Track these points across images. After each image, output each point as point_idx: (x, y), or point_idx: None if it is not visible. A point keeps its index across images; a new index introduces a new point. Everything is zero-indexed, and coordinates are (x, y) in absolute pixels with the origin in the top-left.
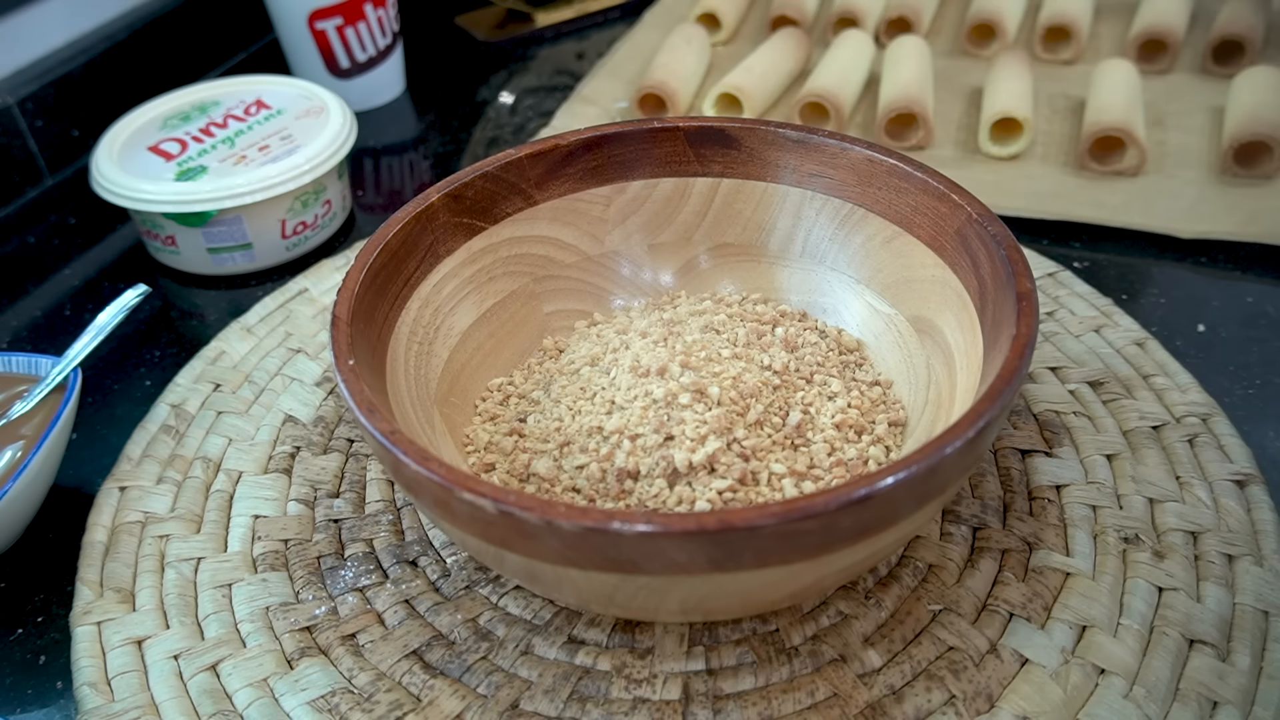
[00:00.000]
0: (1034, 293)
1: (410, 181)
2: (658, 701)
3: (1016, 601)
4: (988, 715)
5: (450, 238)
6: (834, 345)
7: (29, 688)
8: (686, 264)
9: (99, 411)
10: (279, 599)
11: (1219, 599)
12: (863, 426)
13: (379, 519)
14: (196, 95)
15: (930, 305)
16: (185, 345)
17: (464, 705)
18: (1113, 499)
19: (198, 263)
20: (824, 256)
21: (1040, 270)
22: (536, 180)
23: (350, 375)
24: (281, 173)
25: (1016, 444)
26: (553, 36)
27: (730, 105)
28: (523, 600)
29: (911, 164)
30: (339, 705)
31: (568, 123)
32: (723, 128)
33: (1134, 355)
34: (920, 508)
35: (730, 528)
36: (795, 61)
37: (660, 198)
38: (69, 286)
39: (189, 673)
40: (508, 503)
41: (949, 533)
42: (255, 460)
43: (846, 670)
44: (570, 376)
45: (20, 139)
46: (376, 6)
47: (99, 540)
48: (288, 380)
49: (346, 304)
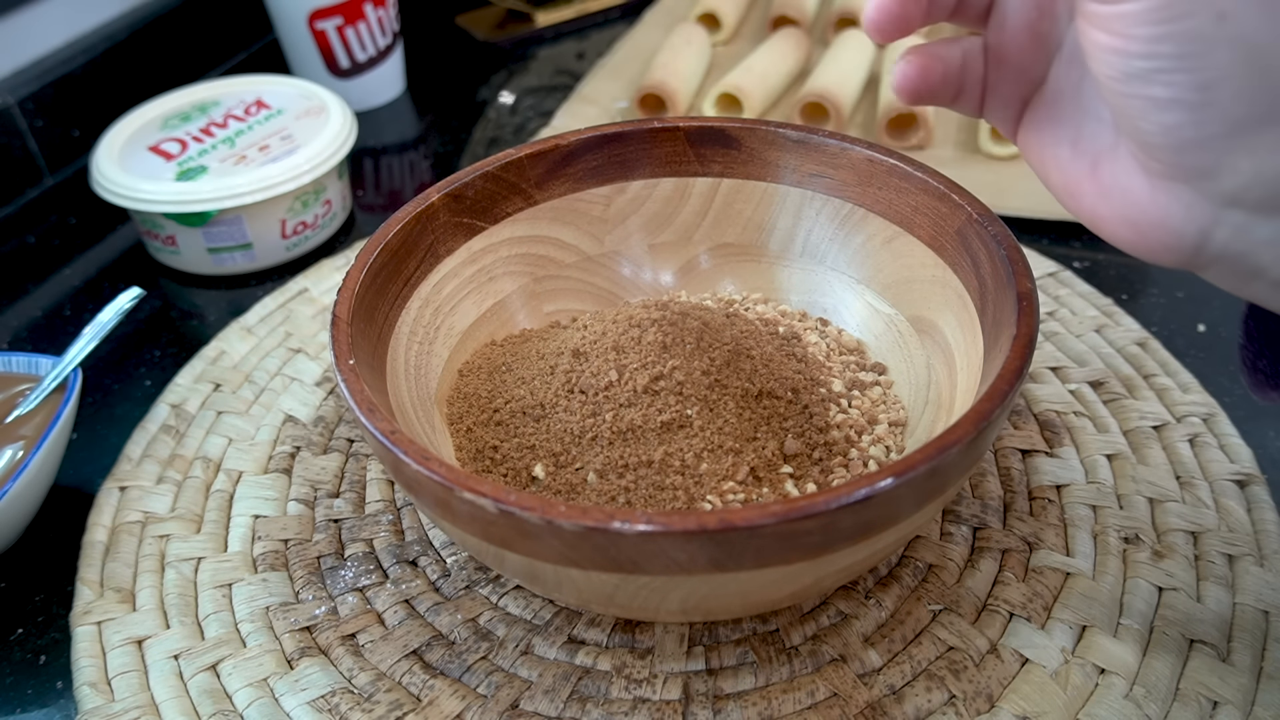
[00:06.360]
0: (1034, 293)
1: (410, 181)
2: (658, 701)
3: (1017, 601)
4: (988, 715)
5: (450, 237)
6: (834, 345)
7: (29, 688)
8: (687, 264)
9: (99, 411)
10: (279, 599)
11: (1219, 599)
12: (863, 426)
13: (379, 519)
14: (196, 95)
15: (930, 305)
16: (185, 345)
17: (464, 705)
18: (1113, 499)
19: (198, 263)
20: (824, 256)
21: (1041, 270)
22: (537, 180)
23: (350, 375)
24: (281, 173)
25: (1017, 444)
26: (553, 36)
27: (730, 105)
28: (523, 600)
29: (911, 164)
30: (339, 705)
31: (568, 123)
32: (723, 128)
33: (1135, 355)
34: (921, 508)
35: (731, 527)
36: (795, 61)
37: (660, 198)
38: (69, 286)
39: (189, 673)
40: (508, 502)
41: (949, 533)
42: (255, 460)
43: (846, 670)
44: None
45: (20, 139)
46: (376, 6)
47: (99, 540)
48: (288, 380)
49: (347, 304)
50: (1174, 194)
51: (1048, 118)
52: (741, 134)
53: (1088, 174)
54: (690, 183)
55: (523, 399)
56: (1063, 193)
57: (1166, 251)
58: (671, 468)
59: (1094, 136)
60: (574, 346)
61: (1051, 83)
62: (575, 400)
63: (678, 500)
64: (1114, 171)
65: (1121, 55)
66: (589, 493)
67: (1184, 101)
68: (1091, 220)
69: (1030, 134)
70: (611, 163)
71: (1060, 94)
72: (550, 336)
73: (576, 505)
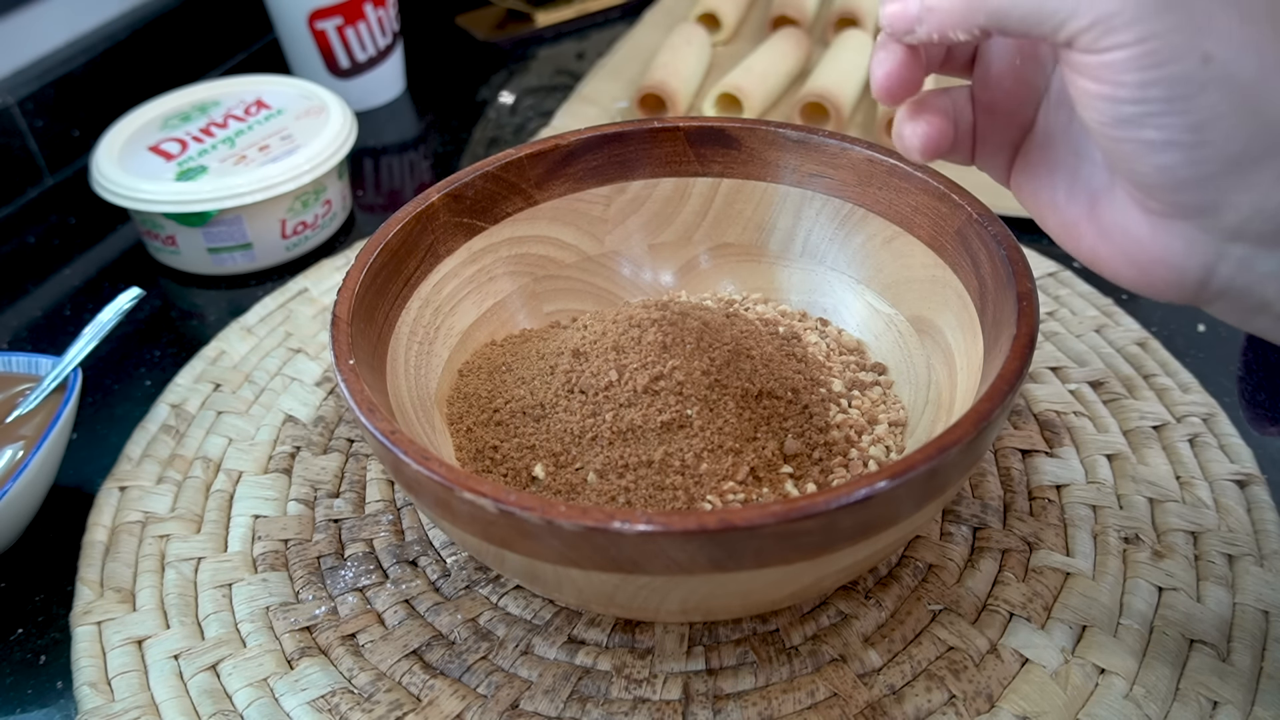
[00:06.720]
0: (1034, 292)
1: (410, 181)
2: (658, 701)
3: (1017, 601)
4: (988, 715)
5: (450, 237)
6: (834, 345)
7: (29, 688)
8: (687, 264)
9: (99, 411)
10: (279, 599)
11: (1219, 599)
12: (863, 426)
13: (379, 519)
14: (196, 95)
15: (930, 305)
16: (185, 345)
17: (464, 705)
18: (1113, 499)
19: (198, 263)
20: (824, 256)
21: (1041, 270)
22: (537, 180)
23: (350, 375)
24: (281, 173)
25: (1017, 444)
26: (553, 36)
27: (730, 105)
28: (523, 600)
29: (911, 164)
30: (339, 705)
31: (568, 123)
32: (723, 128)
33: (1135, 355)
34: (921, 508)
35: (731, 527)
36: (795, 61)
37: (660, 198)
38: (69, 286)
39: (189, 673)
40: (508, 502)
41: (949, 533)
42: (255, 460)
43: (846, 670)
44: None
45: (20, 139)
46: (376, 6)
47: (99, 540)
48: (288, 380)
49: (347, 304)
50: (1175, 231)
51: (1040, 161)
52: (741, 134)
53: (1085, 215)
54: (690, 183)
55: (523, 399)
56: (1061, 234)
57: (1170, 288)
58: (671, 468)
59: (1089, 177)
60: (574, 346)
61: (1040, 126)
62: (575, 400)
63: (678, 500)
64: (1112, 211)
65: (1111, 101)
66: (589, 493)
67: (1178, 143)
68: (1092, 260)
69: (1024, 178)
70: (611, 163)
71: (1050, 137)
72: (550, 336)
73: (576, 505)
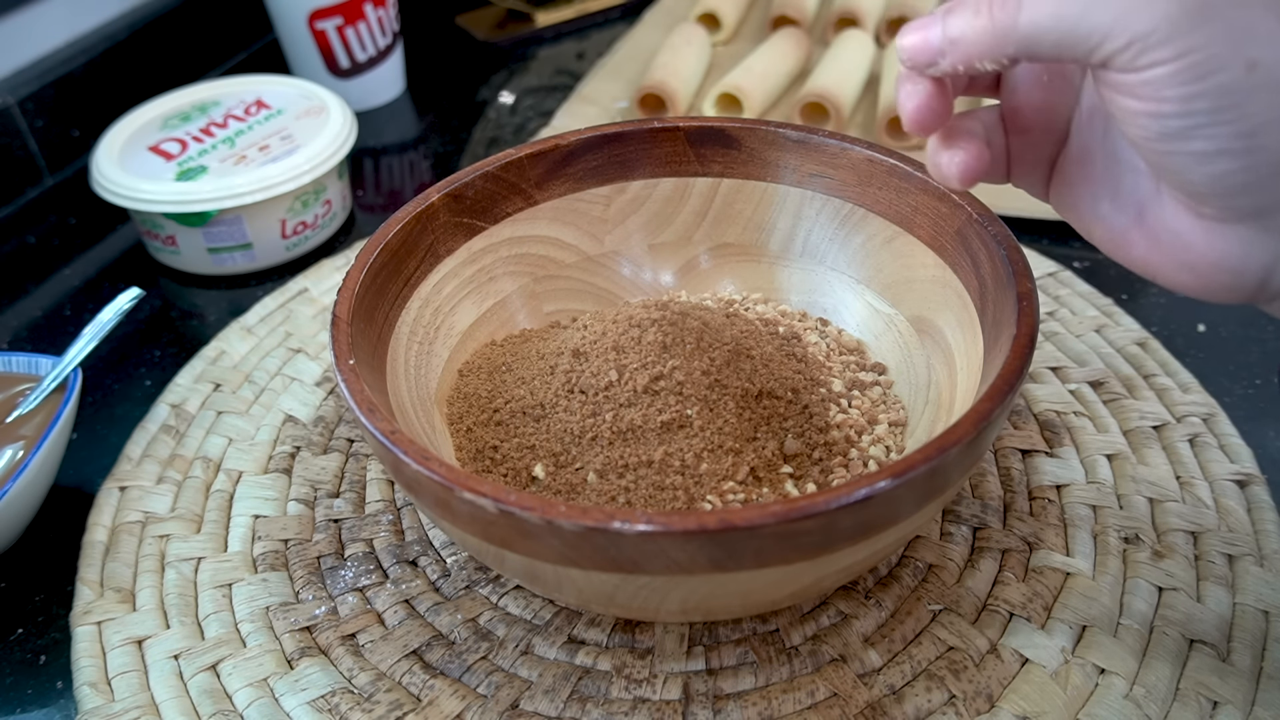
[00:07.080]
0: (1034, 293)
1: (410, 181)
2: (658, 701)
3: (1017, 601)
4: (988, 715)
5: (450, 237)
6: (834, 345)
7: (29, 688)
8: (687, 264)
9: (99, 411)
10: (279, 599)
11: (1219, 599)
12: (863, 426)
13: (379, 519)
14: (196, 95)
15: (930, 305)
16: (185, 345)
17: (464, 705)
18: (1113, 499)
19: (198, 263)
20: (824, 256)
21: (1040, 270)
22: (537, 180)
23: (350, 375)
24: (281, 173)
25: (1017, 444)
26: (553, 36)
27: (730, 105)
28: (523, 600)
29: (911, 164)
30: (339, 705)
31: (568, 123)
32: (723, 128)
33: (1135, 355)
34: (920, 508)
35: (731, 527)
36: (795, 61)
37: (660, 197)
38: (69, 286)
39: (189, 673)
40: (508, 502)
41: (949, 533)
42: (255, 460)
43: (846, 670)
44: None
45: (20, 139)
46: (376, 6)
47: (99, 540)
48: (288, 380)
49: (347, 304)
50: (1230, 234)
51: (1079, 174)
52: (741, 134)
53: (1134, 224)
54: (690, 183)
55: (523, 399)
56: (1109, 245)
57: (1228, 292)
58: (671, 468)
59: (1134, 187)
60: (574, 346)
61: (1075, 139)
62: (575, 400)
63: (678, 500)
64: (1162, 218)
65: (1155, 117)
66: (589, 493)
67: (1229, 151)
68: (1144, 269)
69: (1063, 193)
70: (611, 163)
71: (1087, 150)
72: (550, 336)
73: (576, 505)
